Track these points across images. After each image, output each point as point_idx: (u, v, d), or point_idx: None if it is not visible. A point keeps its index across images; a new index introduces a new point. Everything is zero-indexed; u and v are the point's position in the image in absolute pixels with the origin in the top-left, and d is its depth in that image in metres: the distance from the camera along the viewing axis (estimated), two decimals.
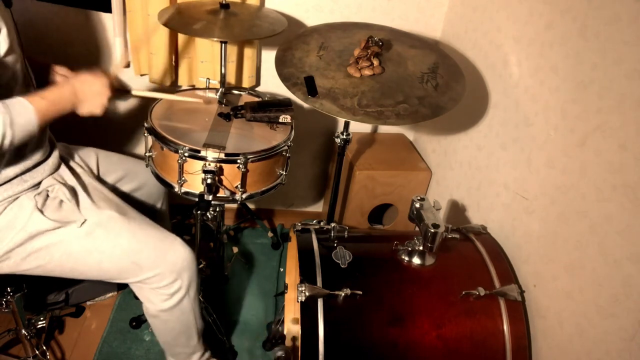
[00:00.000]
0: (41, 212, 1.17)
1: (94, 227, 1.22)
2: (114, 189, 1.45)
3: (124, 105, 2.02)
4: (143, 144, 1.46)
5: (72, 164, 1.36)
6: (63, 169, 1.30)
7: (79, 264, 1.23)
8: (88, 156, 1.44)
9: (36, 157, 1.21)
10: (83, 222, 1.21)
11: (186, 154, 1.29)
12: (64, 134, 1.42)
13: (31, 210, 1.17)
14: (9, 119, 1.02)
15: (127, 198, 1.44)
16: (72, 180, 1.28)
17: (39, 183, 1.22)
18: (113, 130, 2.04)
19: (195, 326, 1.41)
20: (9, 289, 1.36)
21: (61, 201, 1.22)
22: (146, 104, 1.49)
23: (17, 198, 1.18)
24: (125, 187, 1.51)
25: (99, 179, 1.42)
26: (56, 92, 1.15)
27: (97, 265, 1.23)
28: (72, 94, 1.16)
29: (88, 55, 1.89)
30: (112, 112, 1.23)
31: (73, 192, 1.24)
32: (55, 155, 1.28)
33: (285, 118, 1.44)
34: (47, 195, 1.21)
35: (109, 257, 1.23)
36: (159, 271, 1.26)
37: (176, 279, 1.29)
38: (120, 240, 1.23)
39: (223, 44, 1.58)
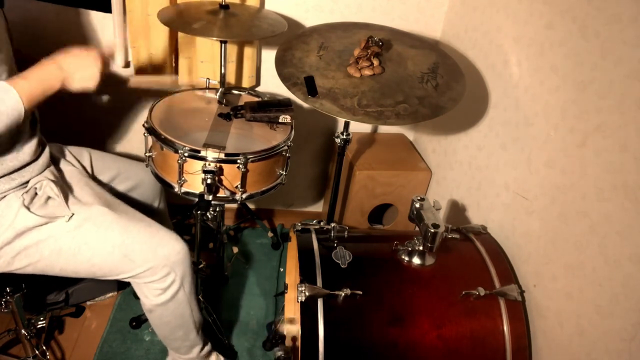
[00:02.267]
0: (28, 209, 1.16)
1: (83, 222, 1.21)
2: (110, 189, 1.44)
3: (121, 105, 2.02)
4: (140, 145, 1.46)
5: (64, 163, 1.35)
6: (53, 169, 1.29)
7: (70, 261, 1.21)
8: (81, 156, 1.43)
9: (25, 157, 1.20)
10: (71, 217, 1.20)
11: (186, 154, 1.29)
12: (58, 134, 1.42)
13: (18, 207, 1.16)
14: None
15: (122, 197, 1.43)
16: (60, 178, 1.27)
17: (27, 182, 1.21)
18: (109, 131, 2.04)
19: (192, 320, 1.40)
20: (8, 289, 1.36)
21: (48, 197, 1.20)
22: (144, 104, 1.49)
23: (4, 197, 1.17)
24: (120, 187, 1.50)
25: (93, 177, 1.42)
26: (39, 70, 1.09)
27: (88, 262, 1.22)
28: (58, 69, 1.11)
29: None
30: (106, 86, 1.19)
31: (61, 188, 1.23)
32: (45, 155, 1.26)
33: (285, 118, 1.44)
34: (35, 193, 1.20)
35: (99, 252, 1.22)
36: (151, 265, 1.25)
37: (169, 272, 1.27)
38: (111, 234, 1.22)
39: (223, 44, 1.58)
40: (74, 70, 1.13)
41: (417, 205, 1.27)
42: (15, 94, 1.03)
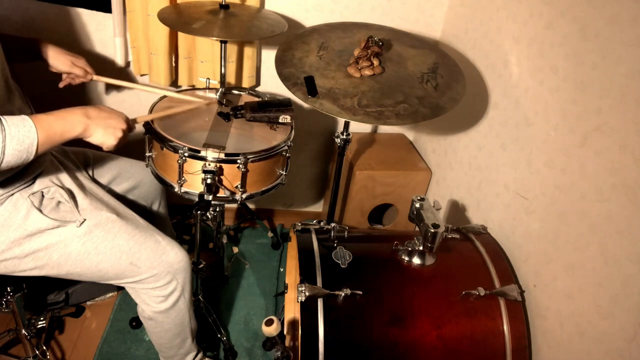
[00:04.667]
0: (40, 211, 1.17)
1: (93, 228, 1.22)
2: (109, 191, 1.44)
3: (121, 106, 2.02)
4: (139, 145, 1.46)
5: (65, 164, 1.35)
6: (58, 171, 1.29)
7: (77, 265, 1.22)
8: (82, 157, 1.43)
9: None
10: (82, 222, 1.21)
11: (186, 154, 1.29)
12: None
13: (27, 209, 1.16)
14: (1, 140, 0.95)
15: (121, 199, 1.43)
16: (68, 182, 1.27)
17: (32, 182, 1.21)
18: None
19: (189, 327, 1.42)
20: (9, 289, 1.36)
21: (59, 202, 1.21)
22: (144, 104, 1.49)
23: (10, 195, 1.16)
24: (119, 188, 1.50)
25: (93, 180, 1.42)
26: (65, 112, 1.08)
27: (95, 267, 1.23)
28: (85, 116, 1.09)
29: (88, 55, 1.89)
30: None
31: (70, 193, 1.24)
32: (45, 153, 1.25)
33: (285, 118, 1.44)
34: (43, 196, 1.20)
35: (107, 258, 1.23)
36: (156, 272, 1.26)
37: (172, 280, 1.29)
38: (119, 241, 1.23)
39: (223, 44, 1.58)
40: (99, 126, 1.12)
41: (417, 205, 1.27)
42: (33, 128, 1.00)
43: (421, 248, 1.26)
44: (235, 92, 1.68)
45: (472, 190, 1.68)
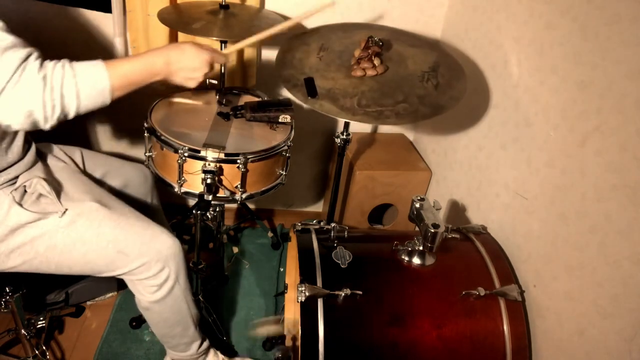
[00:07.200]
0: (20, 205, 1.16)
1: (76, 217, 1.20)
2: (102, 184, 1.43)
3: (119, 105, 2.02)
4: (136, 145, 1.46)
5: (53, 159, 1.34)
6: (41, 165, 1.27)
7: (65, 257, 1.21)
8: (72, 153, 1.42)
9: (13, 157, 1.19)
10: (64, 212, 1.19)
11: (186, 154, 1.30)
12: (49, 134, 1.39)
13: (9, 205, 1.15)
14: (74, 89, 0.98)
15: (115, 193, 1.42)
16: (50, 175, 1.26)
17: (15, 179, 1.20)
18: (105, 131, 2.04)
19: (189, 314, 1.40)
20: (8, 289, 1.36)
21: (40, 194, 1.20)
22: (144, 104, 1.49)
23: None
24: (112, 183, 1.49)
25: (85, 173, 1.41)
26: (145, 59, 1.08)
27: (82, 258, 1.22)
28: (165, 64, 1.10)
29: (88, 55, 1.88)
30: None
31: (52, 185, 1.22)
32: (31, 153, 1.25)
33: (285, 118, 1.44)
34: (25, 191, 1.19)
35: (94, 247, 1.21)
36: (146, 260, 1.24)
37: (163, 267, 1.26)
38: (104, 229, 1.22)
39: (223, 44, 1.58)
40: (179, 69, 1.12)
41: (417, 205, 1.27)
42: (107, 78, 1.02)
43: (421, 248, 1.26)
44: (235, 92, 1.68)
45: (472, 190, 1.68)
